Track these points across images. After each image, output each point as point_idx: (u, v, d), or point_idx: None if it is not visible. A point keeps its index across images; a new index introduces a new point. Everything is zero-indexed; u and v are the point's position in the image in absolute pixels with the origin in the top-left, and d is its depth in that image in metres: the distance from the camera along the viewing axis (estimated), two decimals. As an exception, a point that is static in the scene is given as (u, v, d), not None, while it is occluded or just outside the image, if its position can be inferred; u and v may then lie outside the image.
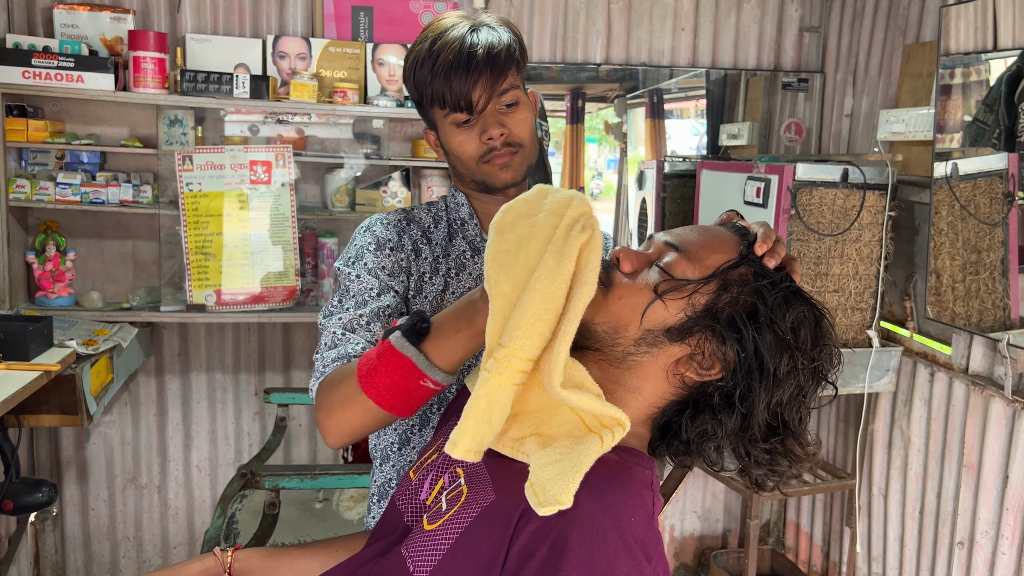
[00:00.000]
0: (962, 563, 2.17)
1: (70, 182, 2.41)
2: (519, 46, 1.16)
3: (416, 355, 0.91)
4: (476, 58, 1.10)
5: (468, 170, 1.18)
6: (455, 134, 1.16)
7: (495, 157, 1.15)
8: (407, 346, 0.92)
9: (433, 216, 1.25)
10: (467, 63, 1.10)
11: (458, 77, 1.10)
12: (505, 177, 1.17)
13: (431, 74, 1.11)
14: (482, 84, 1.11)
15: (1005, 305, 2.05)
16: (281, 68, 2.59)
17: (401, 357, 0.92)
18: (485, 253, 0.85)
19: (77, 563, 2.83)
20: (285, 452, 2.89)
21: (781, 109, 2.95)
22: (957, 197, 2.14)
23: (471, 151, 1.16)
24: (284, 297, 2.54)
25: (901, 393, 2.40)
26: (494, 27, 1.15)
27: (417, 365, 0.91)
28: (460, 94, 1.11)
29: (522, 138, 1.17)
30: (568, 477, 0.72)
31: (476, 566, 0.74)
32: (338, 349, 1.08)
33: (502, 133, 1.14)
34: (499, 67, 1.12)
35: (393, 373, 0.92)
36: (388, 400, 0.93)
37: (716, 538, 3.17)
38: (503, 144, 1.15)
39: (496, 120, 1.14)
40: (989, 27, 2.06)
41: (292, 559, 1.02)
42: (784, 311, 0.82)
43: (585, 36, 2.83)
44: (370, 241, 1.18)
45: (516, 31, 1.17)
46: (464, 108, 1.12)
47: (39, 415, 2.12)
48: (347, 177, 2.64)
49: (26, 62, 2.28)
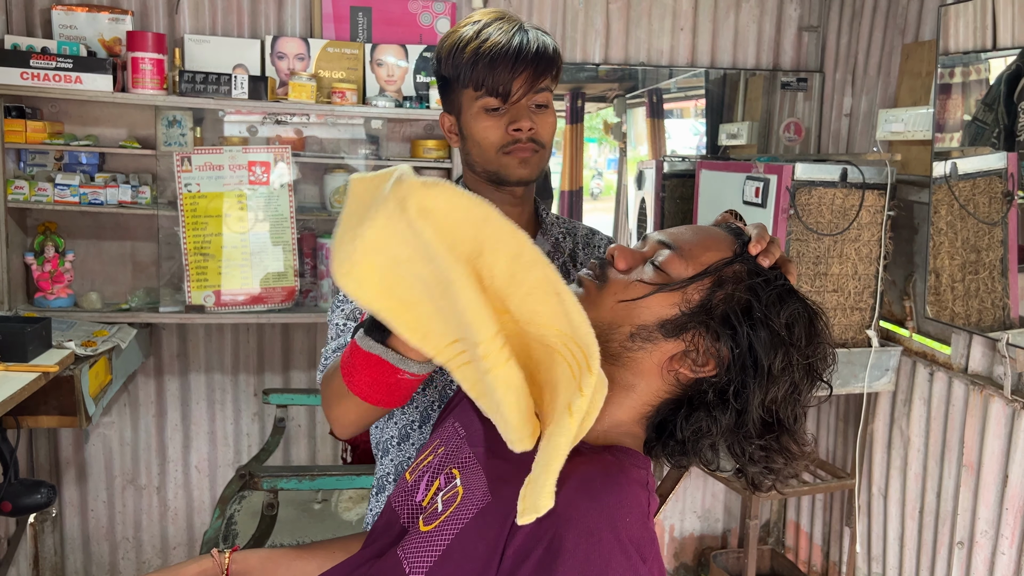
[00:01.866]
0: (962, 563, 2.17)
1: (69, 183, 2.41)
2: (559, 54, 1.19)
3: (384, 352, 0.89)
4: (525, 52, 1.13)
5: (485, 159, 1.19)
6: (482, 119, 1.16)
7: (518, 150, 1.17)
8: (373, 344, 0.89)
9: None
10: (516, 54, 1.13)
11: (504, 64, 1.13)
12: (522, 173, 1.18)
13: (475, 55, 1.13)
14: (525, 76, 1.14)
15: (1004, 304, 2.05)
16: (280, 69, 2.59)
17: (370, 356, 0.89)
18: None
19: (76, 564, 2.83)
20: (284, 453, 2.89)
21: (780, 109, 2.95)
22: (956, 196, 2.13)
23: (495, 139, 1.17)
24: (283, 298, 2.53)
25: (901, 393, 2.40)
26: (540, 32, 1.18)
27: (389, 361, 0.89)
28: (502, 80, 1.13)
29: (546, 140, 1.19)
30: (542, 482, 0.71)
31: (472, 567, 0.73)
32: (338, 340, 1.09)
33: (531, 128, 1.16)
34: (543, 66, 1.15)
35: (368, 371, 0.90)
36: (373, 396, 0.92)
37: (716, 538, 3.17)
38: (528, 139, 1.16)
39: (527, 114, 1.16)
40: (988, 26, 2.06)
41: (289, 560, 1.02)
42: (778, 308, 0.82)
43: (584, 36, 2.82)
44: None
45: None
46: (501, 95, 1.14)
47: (38, 416, 2.12)
48: (346, 177, 2.64)
49: (24, 63, 2.28)
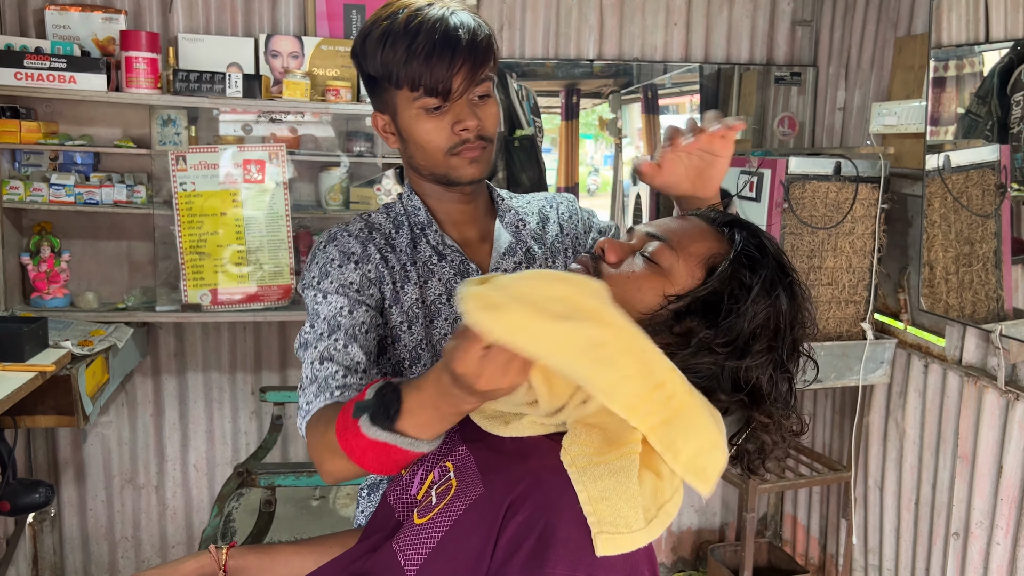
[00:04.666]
0: (957, 553, 2.18)
1: (64, 183, 2.41)
2: (493, 36, 1.10)
3: (393, 437, 0.81)
4: (460, 42, 1.03)
5: (432, 162, 1.11)
6: (422, 121, 1.07)
7: (466, 150, 1.09)
8: (380, 432, 0.82)
9: (393, 220, 1.18)
10: (452, 46, 1.03)
11: (440, 60, 1.02)
12: (473, 172, 1.11)
13: (407, 53, 1.03)
14: (464, 71, 1.04)
15: (998, 296, 2.06)
16: (274, 67, 2.59)
17: (376, 444, 0.82)
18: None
19: (75, 564, 2.84)
20: (282, 450, 2.90)
21: (774, 103, 2.96)
22: (950, 189, 2.14)
23: (440, 141, 1.08)
24: (279, 296, 2.54)
25: (896, 385, 2.41)
26: (470, 13, 1.08)
27: (398, 446, 0.82)
28: (440, 78, 1.03)
29: (492, 133, 1.11)
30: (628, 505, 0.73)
31: (465, 558, 0.74)
32: (317, 384, 1.02)
33: (477, 126, 1.08)
34: (481, 55, 1.05)
35: (375, 453, 0.83)
36: (378, 470, 0.86)
37: (713, 531, 3.18)
38: (476, 137, 1.08)
39: (471, 111, 1.07)
40: (981, 19, 2.06)
41: (286, 556, 1.02)
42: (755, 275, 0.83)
43: (578, 32, 2.83)
44: (332, 257, 1.10)
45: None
46: (440, 94, 1.05)
47: (35, 416, 2.12)
48: (341, 175, 2.64)
49: (18, 63, 2.28)
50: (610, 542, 0.71)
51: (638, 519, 0.72)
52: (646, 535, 0.73)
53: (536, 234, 1.22)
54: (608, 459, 0.75)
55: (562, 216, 1.27)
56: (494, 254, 1.18)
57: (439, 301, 1.14)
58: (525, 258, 1.20)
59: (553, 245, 1.23)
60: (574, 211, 1.29)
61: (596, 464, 0.74)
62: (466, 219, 1.19)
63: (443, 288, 1.15)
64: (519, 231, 1.20)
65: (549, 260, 1.22)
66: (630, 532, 0.72)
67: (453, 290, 1.15)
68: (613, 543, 0.71)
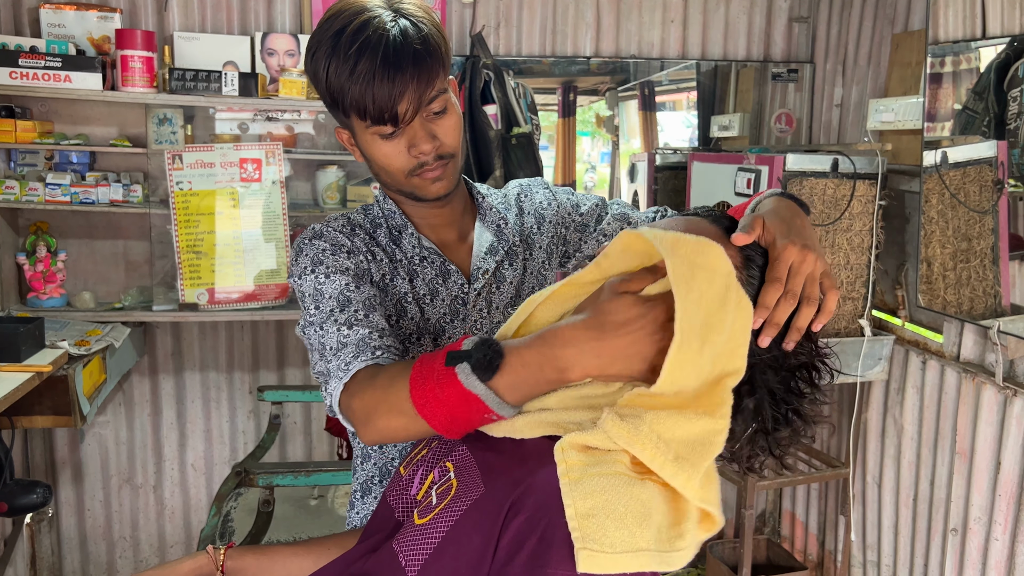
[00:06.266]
0: (956, 549, 2.18)
1: (60, 182, 2.40)
2: (444, 40, 1.02)
3: (487, 394, 0.80)
4: (404, 60, 0.96)
5: (396, 181, 1.08)
6: (379, 146, 1.04)
7: (426, 171, 1.05)
8: (477, 384, 0.80)
9: (372, 220, 1.17)
10: (393, 68, 0.96)
11: (382, 86, 0.96)
12: (437, 189, 1.07)
13: (349, 80, 0.97)
14: (410, 95, 0.98)
15: (996, 292, 2.06)
16: (270, 65, 2.58)
17: (468, 394, 0.81)
18: None
19: (74, 564, 2.83)
20: (280, 449, 2.89)
21: (771, 100, 2.95)
22: (947, 185, 2.14)
23: (399, 164, 1.05)
24: (277, 295, 2.53)
25: (894, 381, 2.41)
26: (415, 14, 1.00)
27: (487, 403, 0.81)
28: (384, 106, 0.98)
29: (453, 148, 1.06)
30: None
31: (467, 559, 0.74)
32: (353, 346, 0.97)
33: (434, 147, 1.03)
34: (427, 72, 0.98)
35: (456, 407, 0.82)
36: (444, 426, 0.85)
37: (712, 529, 3.18)
38: (435, 157, 1.04)
39: (426, 132, 1.02)
40: (978, 15, 2.06)
41: (285, 557, 1.02)
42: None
43: (575, 29, 2.82)
44: (323, 248, 1.07)
45: (435, 18, 1.03)
46: (389, 121, 0.99)
47: (32, 416, 2.12)
48: (337, 174, 2.63)
49: (13, 62, 2.27)
50: (590, 559, 0.69)
51: (624, 541, 0.70)
52: (633, 560, 0.70)
53: (517, 229, 1.22)
54: (603, 471, 0.73)
55: (540, 205, 1.25)
56: (475, 254, 1.17)
57: (423, 301, 1.14)
58: (507, 256, 1.19)
59: (530, 238, 1.22)
60: (551, 198, 1.27)
61: (591, 476, 0.73)
62: (443, 222, 1.18)
63: (427, 289, 1.14)
64: (501, 230, 1.19)
65: (529, 255, 1.22)
66: (613, 553, 0.69)
67: (437, 292, 1.14)
68: (594, 561, 0.69)
